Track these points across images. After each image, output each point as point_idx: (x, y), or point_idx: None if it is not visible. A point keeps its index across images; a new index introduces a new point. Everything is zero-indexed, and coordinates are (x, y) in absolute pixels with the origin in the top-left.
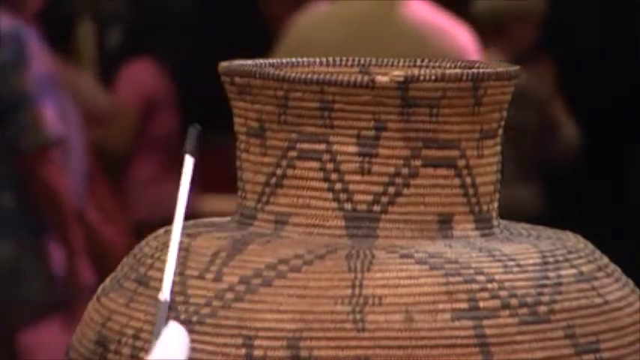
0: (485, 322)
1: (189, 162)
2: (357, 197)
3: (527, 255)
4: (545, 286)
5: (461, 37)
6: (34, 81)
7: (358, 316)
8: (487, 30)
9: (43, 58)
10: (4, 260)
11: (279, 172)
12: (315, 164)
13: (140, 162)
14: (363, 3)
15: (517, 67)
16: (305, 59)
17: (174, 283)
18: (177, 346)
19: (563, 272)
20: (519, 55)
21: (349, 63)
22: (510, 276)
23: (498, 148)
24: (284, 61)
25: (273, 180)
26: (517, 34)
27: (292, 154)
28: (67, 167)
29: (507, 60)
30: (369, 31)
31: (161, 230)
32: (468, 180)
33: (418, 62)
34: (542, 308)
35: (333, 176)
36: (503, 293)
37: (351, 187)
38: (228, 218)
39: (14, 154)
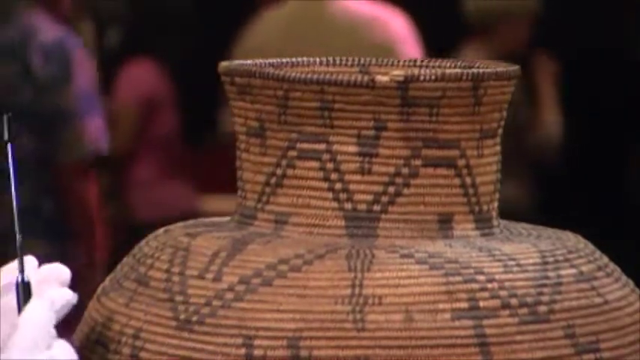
0: (485, 322)
1: (11, 150)
2: (357, 197)
3: (527, 255)
4: (545, 285)
5: (393, 24)
6: (78, 95)
7: (358, 316)
8: (478, 29)
9: (87, 69)
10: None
11: (279, 171)
12: (315, 164)
13: (140, 162)
14: (297, 4)
15: (517, 67)
16: (305, 59)
17: (174, 282)
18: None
19: (563, 272)
20: (507, 54)
21: (349, 63)
22: (510, 276)
23: (498, 148)
24: (284, 60)
25: (273, 180)
26: (508, 33)
27: (292, 153)
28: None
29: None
30: (306, 31)
31: (161, 230)
32: (468, 180)
33: (418, 62)
34: (542, 308)
35: (333, 176)
36: (503, 293)
37: (351, 186)
38: (228, 218)
39: (52, 165)
